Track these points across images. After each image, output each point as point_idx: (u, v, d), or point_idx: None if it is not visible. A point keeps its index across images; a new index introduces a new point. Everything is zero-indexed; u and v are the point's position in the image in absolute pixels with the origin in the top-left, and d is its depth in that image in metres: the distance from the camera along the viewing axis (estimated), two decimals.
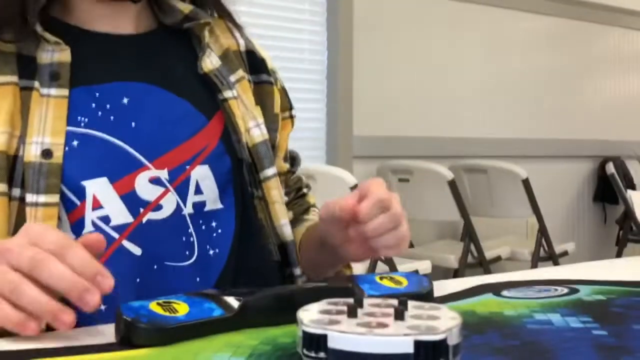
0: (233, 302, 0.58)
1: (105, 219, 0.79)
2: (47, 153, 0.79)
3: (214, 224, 0.86)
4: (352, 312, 0.49)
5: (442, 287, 0.73)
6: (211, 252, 0.85)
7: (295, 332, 0.49)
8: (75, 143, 0.80)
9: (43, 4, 0.85)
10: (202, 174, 0.86)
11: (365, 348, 0.45)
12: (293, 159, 1.05)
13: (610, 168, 4.13)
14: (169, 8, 0.94)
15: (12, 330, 0.59)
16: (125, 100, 0.85)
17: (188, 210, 0.84)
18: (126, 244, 0.79)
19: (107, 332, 0.57)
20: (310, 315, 0.49)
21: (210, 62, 0.92)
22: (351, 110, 3.36)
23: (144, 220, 0.81)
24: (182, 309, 0.57)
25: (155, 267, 0.80)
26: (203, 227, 0.85)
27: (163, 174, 0.83)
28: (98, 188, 0.80)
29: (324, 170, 2.87)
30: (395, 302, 0.52)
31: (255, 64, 0.98)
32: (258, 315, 0.58)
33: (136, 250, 0.80)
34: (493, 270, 3.17)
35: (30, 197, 0.78)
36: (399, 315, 0.49)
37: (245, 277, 0.88)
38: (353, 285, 0.64)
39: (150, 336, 0.54)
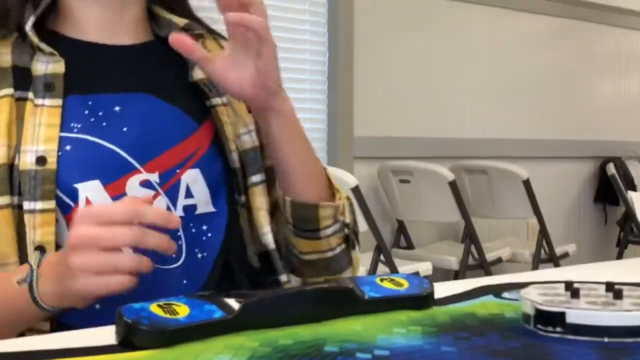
0: (233, 303, 0.58)
1: None
2: (41, 160, 0.81)
3: (204, 227, 0.87)
4: (575, 294, 0.57)
5: (442, 289, 0.73)
6: (199, 255, 0.86)
7: (296, 333, 0.49)
8: (68, 147, 0.82)
9: (38, 14, 0.87)
10: (192, 178, 0.87)
11: (609, 322, 0.54)
12: None
13: (611, 169, 4.13)
14: (165, 21, 0.96)
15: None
16: (117, 108, 0.86)
17: (178, 213, 0.85)
18: None
19: (107, 334, 0.57)
20: (538, 297, 0.57)
21: (200, 71, 0.93)
22: (352, 111, 3.36)
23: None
24: (182, 310, 0.57)
25: None
26: (193, 230, 0.86)
27: (153, 177, 0.84)
28: (90, 191, 0.82)
29: None
30: (602, 286, 0.61)
31: None
32: (258, 317, 0.58)
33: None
34: (494, 272, 3.17)
35: (27, 205, 0.80)
36: (618, 295, 0.57)
37: (230, 283, 0.89)
38: (354, 286, 0.64)
39: (150, 338, 0.54)
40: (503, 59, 3.91)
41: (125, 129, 0.85)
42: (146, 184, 0.84)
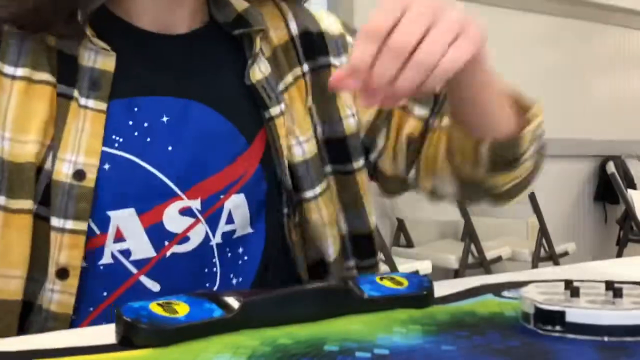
0: (233, 302, 0.58)
1: (126, 253, 0.75)
2: (79, 174, 0.72)
3: (240, 250, 0.81)
4: (574, 293, 0.57)
5: (442, 288, 0.73)
6: (234, 281, 0.80)
7: (296, 332, 0.49)
8: (106, 166, 0.74)
9: (94, 9, 0.77)
10: (236, 204, 0.79)
11: (609, 321, 0.54)
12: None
13: (611, 167, 4.13)
14: (223, 3, 0.85)
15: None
16: (165, 119, 0.77)
17: (216, 240, 0.79)
18: (144, 279, 0.76)
19: (107, 333, 0.57)
20: (538, 296, 0.57)
21: (259, 70, 0.83)
22: None
23: (168, 254, 0.76)
24: (182, 309, 0.57)
25: None
26: (229, 254, 0.80)
27: (195, 204, 0.77)
28: (123, 220, 0.74)
29: None
30: (602, 284, 0.60)
31: (311, 46, 0.89)
32: (258, 316, 0.58)
33: (154, 287, 0.76)
34: (493, 271, 3.18)
35: (56, 221, 0.72)
36: (618, 293, 0.57)
37: None
38: (353, 285, 0.64)
39: (150, 337, 0.54)
40: (503, 58, 3.90)
41: (170, 148, 0.76)
42: (186, 211, 0.77)
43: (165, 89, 0.79)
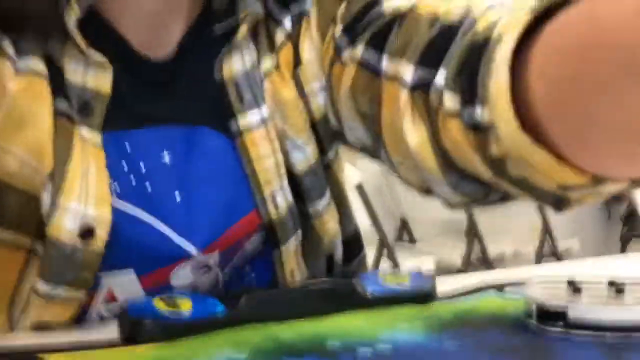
0: (237, 299, 0.58)
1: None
2: (87, 233, 0.56)
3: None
4: (577, 290, 0.57)
5: (445, 285, 0.73)
6: None
7: (298, 328, 0.49)
8: None
9: (85, 8, 0.58)
10: (257, 240, 0.65)
11: (611, 318, 0.53)
12: None
13: None
14: None
15: None
16: (166, 158, 0.61)
17: (221, 276, 0.65)
18: None
19: (110, 329, 0.57)
20: (540, 293, 0.57)
21: (241, 63, 0.64)
22: None
23: None
24: (185, 305, 0.57)
25: None
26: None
27: (212, 258, 0.63)
28: (118, 283, 0.60)
29: None
30: (604, 281, 0.59)
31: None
32: (261, 313, 0.58)
33: None
34: (497, 267, 3.17)
35: (43, 286, 0.57)
36: (621, 290, 0.57)
37: None
38: (356, 283, 0.64)
39: (153, 333, 0.54)
40: None
41: (178, 197, 0.61)
42: (201, 267, 0.63)
43: (161, 115, 0.61)
